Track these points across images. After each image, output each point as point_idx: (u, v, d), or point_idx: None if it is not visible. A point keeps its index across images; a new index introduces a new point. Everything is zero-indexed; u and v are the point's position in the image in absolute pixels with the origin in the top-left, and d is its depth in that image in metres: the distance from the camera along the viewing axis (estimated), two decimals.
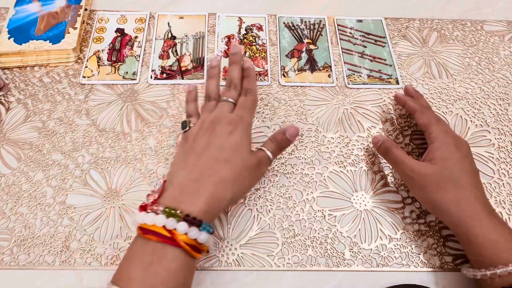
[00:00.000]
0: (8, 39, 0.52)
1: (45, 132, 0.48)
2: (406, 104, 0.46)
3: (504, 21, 0.60)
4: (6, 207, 0.42)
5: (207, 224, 0.34)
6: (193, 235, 0.32)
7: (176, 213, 0.32)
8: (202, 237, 0.33)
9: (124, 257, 0.33)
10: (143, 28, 0.57)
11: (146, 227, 0.32)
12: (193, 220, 0.33)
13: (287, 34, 0.57)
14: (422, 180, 0.39)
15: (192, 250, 0.33)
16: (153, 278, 0.31)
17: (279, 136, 0.41)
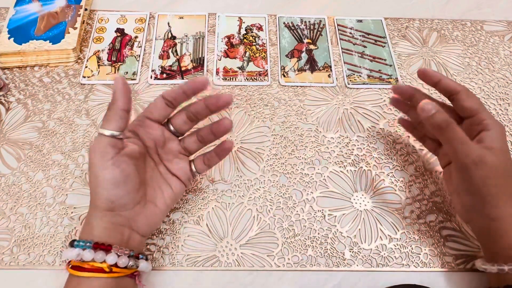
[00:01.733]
0: (8, 39, 0.52)
1: (45, 132, 0.48)
2: (443, 82, 0.39)
3: (504, 21, 0.60)
4: (6, 207, 0.42)
5: (80, 240, 0.33)
6: (70, 257, 0.33)
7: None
8: (69, 254, 0.33)
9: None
10: (143, 28, 0.57)
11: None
12: (72, 241, 0.33)
13: (287, 34, 0.57)
14: (486, 170, 0.34)
15: (72, 269, 0.33)
16: None
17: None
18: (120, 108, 0.34)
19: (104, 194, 0.33)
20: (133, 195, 0.35)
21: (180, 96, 0.37)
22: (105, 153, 0.33)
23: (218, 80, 0.53)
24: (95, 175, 0.33)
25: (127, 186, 0.34)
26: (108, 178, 0.33)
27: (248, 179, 0.45)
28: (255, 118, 0.50)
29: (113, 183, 0.33)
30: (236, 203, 0.44)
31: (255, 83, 0.53)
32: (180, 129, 0.39)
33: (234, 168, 0.46)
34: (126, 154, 0.34)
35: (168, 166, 0.39)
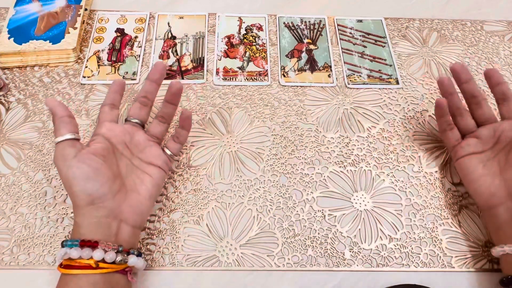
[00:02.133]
0: (8, 39, 0.52)
1: (45, 132, 0.48)
2: (504, 86, 0.41)
3: (504, 21, 0.60)
4: (6, 207, 0.42)
5: (69, 240, 0.34)
6: (59, 256, 0.34)
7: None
8: (60, 253, 0.34)
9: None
10: (143, 28, 0.57)
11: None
12: (65, 241, 0.34)
13: (287, 34, 0.57)
14: None
15: (63, 268, 0.34)
16: None
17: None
18: (60, 116, 0.36)
19: (79, 190, 0.34)
20: (109, 184, 0.35)
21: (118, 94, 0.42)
22: (66, 155, 0.35)
23: (218, 80, 0.53)
24: (65, 177, 0.35)
25: (100, 177, 0.35)
26: (77, 174, 0.34)
27: (248, 179, 0.45)
28: (255, 118, 0.50)
29: (84, 178, 0.34)
30: (236, 203, 0.43)
31: (255, 83, 0.53)
32: (140, 118, 0.42)
33: (234, 168, 0.46)
34: (90, 152, 0.36)
35: (141, 157, 0.40)
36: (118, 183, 0.37)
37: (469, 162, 0.41)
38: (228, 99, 0.51)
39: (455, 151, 0.43)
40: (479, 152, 0.41)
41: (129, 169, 0.39)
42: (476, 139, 0.41)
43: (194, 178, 0.45)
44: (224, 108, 0.50)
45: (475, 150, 0.41)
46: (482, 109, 0.42)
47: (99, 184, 0.35)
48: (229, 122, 0.49)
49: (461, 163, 0.42)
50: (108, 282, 0.34)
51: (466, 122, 0.42)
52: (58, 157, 0.35)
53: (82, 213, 0.35)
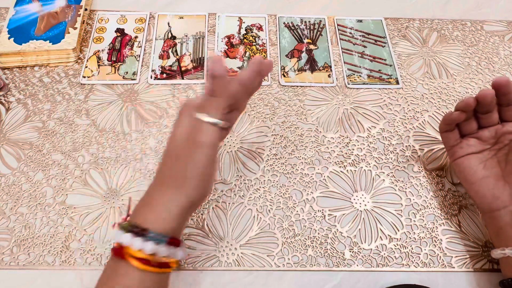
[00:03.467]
0: (8, 39, 0.52)
1: (45, 132, 0.48)
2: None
3: (504, 21, 0.60)
4: (6, 207, 0.42)
5: (157, 233, 0.30)
6: (136, 246, 0.29)
7: (124, 225, 0.30)
8: (148, 248, 0.29)
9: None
10: (143, 28, 0.57)
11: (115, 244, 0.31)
12: (139, 230, 0.30)
13: (287, 34, 0.57)
14: None
15: (144, 264, 0.30)
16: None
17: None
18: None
19: (209, 189, 0.33)
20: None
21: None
22: (217, 146, 0.32)
23: None
24: (214, 169, 0.32)
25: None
26: (215, 173, 0.33)
27: (248, 179, 0.45)
28: (255, 118, 0.50)
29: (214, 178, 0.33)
30: (236, 203, 0.43)
31: None
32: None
33: (234, 168, 0.46)
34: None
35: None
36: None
37: (468, 162, 0.41)
38: None
39: (454, 151, 0.42)
40: (478, 152, 0.41)
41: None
42: (476, 140, 0.41)
43: None
44: None
45: (474, 150, 0.41)
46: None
47: (202, 179, 0.33)
48: None
49: (460, 163, 0.41)
50: (156, 282, 0.31)
51: (471, 125, 0.41)
52: (215, 144, 0.32)
53: (185, 208, 0.31)
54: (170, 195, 0.32)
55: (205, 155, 0.32)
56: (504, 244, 0.37)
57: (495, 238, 0.39)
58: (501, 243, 0.37)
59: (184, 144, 0.32)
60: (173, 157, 0.32)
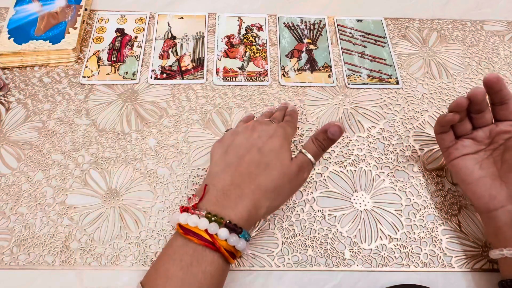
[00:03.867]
0: (8, 39, 0.52)
1: (45, 132, 0.48)
2: (506, 91, 0.39)
3: (504, 21, 0.60)
4: (6, 207, 0.42)
5: (246, 231, 0.34)
6: (233, 242, 0.33)
7: (218, 219, 0.33)
8: (240, 244, 0.33)
9: (163, 253, 0.34)
10: (143, 28, 0.57)
11: (188, 227, 0.33)
12: (234, 227, 0.33)
13: (287, 34, 0.57)
14: None
15: (229, 256, 0.33)
16: (191, 278, 0.32)
17: (321, 136, 0.39)
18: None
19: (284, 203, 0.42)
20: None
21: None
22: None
23: (218, 80, 0.53)
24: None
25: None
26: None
27: None
28: None
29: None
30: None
31: (255, 83, 0.53)
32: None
33: None
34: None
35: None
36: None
37: (464, 162, 0.41)
38: (228, 99, 0.51)
39: (449, 152, 0.42)
40: (473, 152, 0.41)
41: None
42: (471, 140, 0.41)
43: (194, 178, 0.45)
44: (224, 108, 0.50)
45: (470, 151, 0.41)
46: (508, 109, 0.39)
47: (284, 202, 0.41)
48: (229, 122, 0.49)
49: (456, 164, 0.41)
50: (227, 271, 0.35)
51: (465, 125, 0.41)
52: (303, 174, 0.38)
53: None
54: (259, 201, 0.35)
55: (301, 185, 0.39)
56: (503, 245, 0.37)
57: (493, 238, 0.39)
58: (499, 244, 0.37)
59: (294, 172, 0.37)
60: (280, 175, 0.37)
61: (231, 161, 0.37)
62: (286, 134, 0.40)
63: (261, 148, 0.37)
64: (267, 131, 0.39)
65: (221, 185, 0.36)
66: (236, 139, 0.39)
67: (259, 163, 0.36)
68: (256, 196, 0.35)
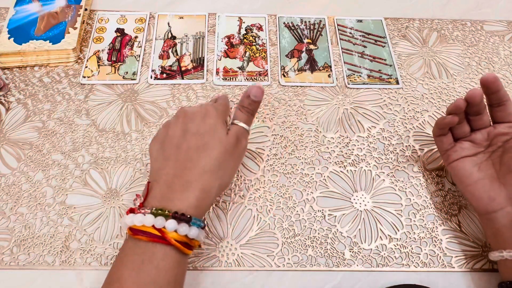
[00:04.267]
0: (8, 39, 0.52)
1: (45, 132, 0.48)
2: (503, 92, 0.39)
3: (504, 21, 0.60)
4: (6, 207, 0.42)
5: (197, 219, 0.33)
6: (183, 231, 0.32)
7: (164, 212, 0.32)
8: (192, 233, 0.33)
9: (116, 258, 0.33)
10: (143, 28, 0.57)
11: (136, 227, 0.32)
12: (182, 216, 0.32)
13: (287, 34, 0.57)
14: None
15: (183, 247, 0.33)
16: (144, 277, 0.31)
17: (246, 101, 0.40)
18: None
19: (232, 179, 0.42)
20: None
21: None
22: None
23: (218, 80, 0.53)
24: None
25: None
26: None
27: (248, 179, 0.45)
28: (255, 118, 0.49)
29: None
30: (236, 203, 0.43)
31: (255, 83, 0.52)
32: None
33: None
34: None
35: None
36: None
37: (463, 164, 0.40)
38: None
39: (448, 155, 0.42)
40: (472, 154, 0.41)
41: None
42: (470, 143, 0.41)
43: None
44: None
45: (468, 153, 0.41)
46: (505, 111, 0.39)
47: (232, 177, 0.40)
48: (229, 122, 0.49)
49: (455, 167, 0.41)
50: (185, 263, 0.35)
51: (463, 128, 0.41)
52: (241, 143, 0.39)
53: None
54: (208, 183, 0.35)
55: (242, 155, 0.39)
56: (502, 246, 0.37)
57: (493, 240, 0.39)
58: (499, 245, 0.37)
59: (233, 145, 0.37)
60: (222, 153, 0.36)
61: (169, 153, 0.36)
62: (218, 110, 0.39)
63: (196, 132, 0.37)
64: (199, 113, 0.38)
65: (163, 179, 0.35)
66: (169, 131, 0.38)
67: (197, 147, 0.36)
68: (203, 180, 0.35)
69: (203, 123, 0.37)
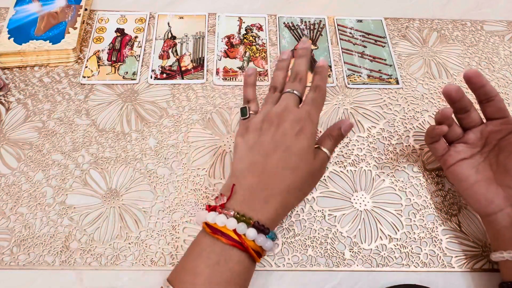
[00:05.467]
0: (8, 39, 0.52)
1: (45, 132, 0.48)
2: (489, 87, 0.38)
3: (504, 21, 0.60)
4: (6, 207, 0.42)
5: (273, 232, 0.34)
6: (260, 242, 0.33)
7: (247, 219, 0.33)
8: (267, 245, 0.33)
9: (190, 250, 0.34)
10: (143, 28, 0.57)
11: (216, 227, 0.33)
12: (262, 227, 0.33)
13: (287, 34, 0.57)
14: None
15: (256, 255, 0.33)
16: (218, 276, 0.32)
17: (335, 131, 0.40)
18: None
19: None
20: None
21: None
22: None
23: (218, 80, 0.53)
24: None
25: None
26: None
27: None
28: None
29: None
30: None
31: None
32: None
33: None
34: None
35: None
36: None
37: (460, 168, 0.40)
38: (228, 99, 0.51)
39: (444, 160, 0.42)
40: (468, 157, 0.40)
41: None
42: (464, 144, 0.41)
43: (194, 178, 0.45)
44: (224, 108, 0.50)
45: (464, 156, 0.40)
46: (496, 105, 0.39)
47: (306, 196, 0.43)
48: (229, 122, 0.49)
49: (453, 171, 0.41)
50: (253, 270, 0.36)
51: (454, 130, 0.41)
52: (323, 169, 0.39)
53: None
54: (288, 201, 0.36)
55: (320, 178, 0.40)
56: (503, 248, 0.37)
57: (494, 241, 0.39)
58: (500, 247, 0.37)
59: (317, 170, 0.38)
60: (307, 175, 0.37)
61: (257, 160, 0.36)
62: (312, 126, 0.37)
63: (286, 149, 0.36)
64: (293, 126, 0.37)
65: (248, 184, 0.35)
66: (261, 137, 0.37)
67: (286, 163, 0.35)
68: (285, 197, 0.35)
69: (296, 140, 0.36)
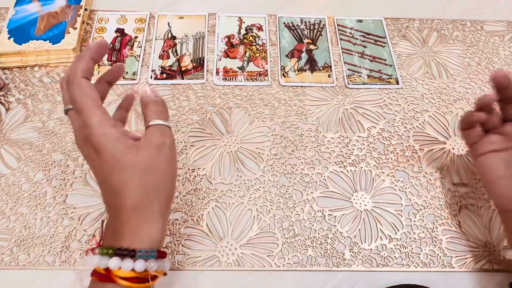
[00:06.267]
0: (8, 39, 0.52)
1: (45, 132, 0.48)
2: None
3: (504, 21, 0.60)
4: (6, 207, 0.42)
5: (146, 250, 0.31)
6: (127, 267, 0.30)
7: (108, 251, 0.30)
8: (138, 267, 0.30)
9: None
10: (143, 28, 0.57)
11: (93, 268, 0.31)
12: (125, 251, 0.30)
13: (287, 34, 0.57)
14: None
15: (134, 282, 0.30)
16: None
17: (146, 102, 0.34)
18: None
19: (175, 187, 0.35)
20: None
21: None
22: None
23: (218, 80, 0.53)
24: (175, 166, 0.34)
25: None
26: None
27: (248, 179, 0.45)
28: (255, 118, 0.50)
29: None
30: (236, 203, 0.43)
31: (255, 83, 0.53)
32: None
33: (234, 168, 0.46)
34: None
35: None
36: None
37: (490, 159, 0.38)
38: (228, 99, 0.51)
39: (475, 148, 0.39)
40: (501, 149, 0.37)
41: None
42: (499, 136, 0.38)
43: (194, 178, 0.45)
44: (224, 108, 0.50)
45: (497, 147, 0.37)
46: None
47: (173, 182, 0.35)
48: (229, 122, 0.49)
49: (481, 161, 0.38)
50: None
51: (492, 118, 0.38)
52: (159, 150, 0.32)
53: (161, 217, 0.32)
54: (152, 209, 0.32)
55: (173, 158, 0.33)
56: None
57: (511, 238, 0.37)
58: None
59: (156, 153, 0.32)
60: (142, 170, 0.32)
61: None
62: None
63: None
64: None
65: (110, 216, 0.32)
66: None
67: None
68: (136, 211, 0.31)
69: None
